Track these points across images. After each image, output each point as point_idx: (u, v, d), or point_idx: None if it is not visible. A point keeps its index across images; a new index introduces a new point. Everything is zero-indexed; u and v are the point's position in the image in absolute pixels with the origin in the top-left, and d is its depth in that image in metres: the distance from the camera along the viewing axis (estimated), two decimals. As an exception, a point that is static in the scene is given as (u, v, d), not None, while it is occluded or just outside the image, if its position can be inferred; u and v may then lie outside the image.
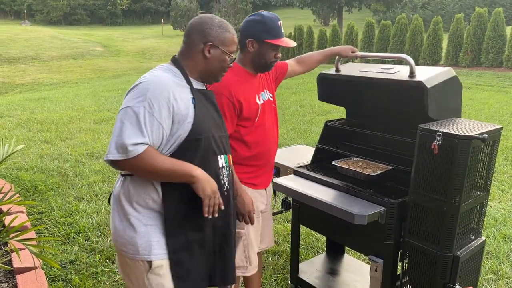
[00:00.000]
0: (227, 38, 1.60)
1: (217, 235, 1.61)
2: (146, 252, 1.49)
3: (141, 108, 1.41)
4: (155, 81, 1.47)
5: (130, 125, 1.40)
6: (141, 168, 1.41)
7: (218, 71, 1.63)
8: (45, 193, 4.01)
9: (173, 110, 1.45)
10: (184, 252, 1.52)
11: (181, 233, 1.51)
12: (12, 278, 2.56)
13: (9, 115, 7.48)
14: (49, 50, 21.25)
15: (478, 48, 12.44)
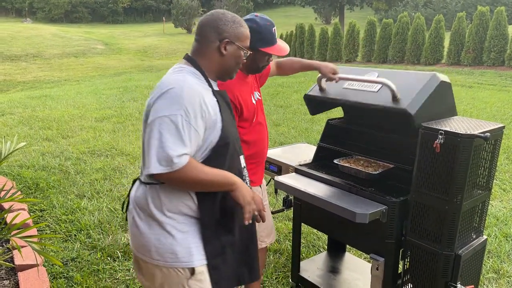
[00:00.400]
0: (242, 33, 1.55)
1: (243, 234, 1.61)
2: (187, 258, 1.46)
3: (178, 116, 1.35)
4: (187, 87, 1.41)
5: (170, 135, 1.34)
6: (184, 179, 1.37)
7: (234, 68, 1.59)
8: (47, 190, 4.01)
9: (205, 115, 1.41)
10: (219, 257, 1.51)
11: (216, 238, 1.50)
12: (13, 275, 2.56)
13: (10, 112, 7.49)
14: (51, 48, 21.26)
15: (480, 47, 12.42)
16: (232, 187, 1.46)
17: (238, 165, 1.58)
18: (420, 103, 1.86)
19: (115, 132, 6.28)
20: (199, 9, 30.86)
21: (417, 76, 2.00)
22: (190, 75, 1.48)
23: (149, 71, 17.20)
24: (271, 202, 3.86)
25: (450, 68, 12.75)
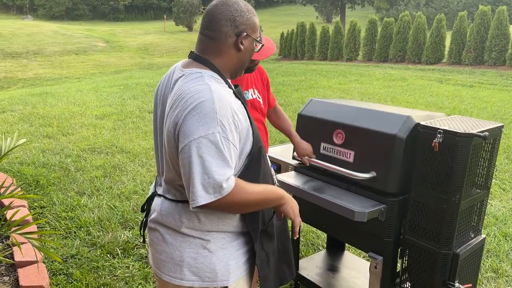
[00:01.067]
0: (256, 23, 1.38)
1: (279, 235, 1.55)
2: (225, 277, 1.34)
3: (216, 134, 1.19)
4: (217, 98, 1.22)
5: (213, 158, 1.18)
6: (233, 203, 1.23)
7: (247, 62, 1.43)
8: (47, 187, 4.02)
9: (238, 126, 1.26)
10: (266, 266, 1.44)
11: (260, 249, 1.41)
12: (13, 272, 2.57)
13: (11, 109, 7.49)
14: (51, 45, 21.26)
15: (481, 46, 12.41)
16: (282, 202, 1.36)
17: (271, 170, 1.50)
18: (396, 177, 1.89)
19: (116, 129, 6.28)
20: (200, 7, 30.81)
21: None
22: (213, 82, 1.28)
23: (149, 69, 17.20)
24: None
25: (451, 68, 12.74)
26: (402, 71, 12.64)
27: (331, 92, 9.32)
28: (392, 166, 1.86)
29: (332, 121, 2.12)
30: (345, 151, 2.06)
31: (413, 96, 8.84)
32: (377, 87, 9.96)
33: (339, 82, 10.68)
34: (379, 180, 1.91)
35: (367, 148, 1.96)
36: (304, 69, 13.76)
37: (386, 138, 1.87)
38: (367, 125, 1.96)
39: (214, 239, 1.34)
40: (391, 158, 1.86)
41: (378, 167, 1.91)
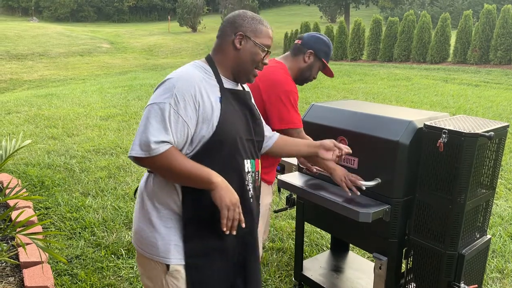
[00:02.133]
0: (261, 30, 1.50)
1: (239, 244, 1.52)
2: (165, 255, 1.44)
3: (166, 105, 1.35)
4: (183, 78, 1.40)
5: (155, 122, 1.34)
6: (161, 167, 1.36)
7: (250, 66, 1.51)
8: (52, 188, 4.04)
9: (198, 108, 1.38)
10: (202, 258, 1.45)
11: (199, 239, 1.44)
12: (18, 272, 2.59)
13: (16, 111, 7.54)
14: (57, 46, 21.38)
15: (487, 45, 12.34)
16: (211, 186, 1.37)
17: (238, 167, 1.48)
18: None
19: (120, 130, 6.30)
20: (204, 7, 30.87)
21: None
22: (195, 69, 1.46)
23: (154, 69, 17.25)
24: (274, 201, 3.86)
25: (456, 67, 12.67)
26: (407, 71, 12.59)
27: (335, 92, 9.30)
28: (397, 172, 1.86)
29: (334, 128, 2.11)
30: (349, 158, 2.05)
31: (417, 95, 8.80)
32: (381, 86, 9.92)
33: (343, 82, 10.65)
34: (384, 186, 1.90)
35: (370, 155, 1.95)
36: (308, 69, 13.71)
37: (389, 144, 1.86)
38: (370, 131, 1.95)
39: (162, 215, 1.45)
40: (395, 164, 1.85)
41: (382, 173, 1.90)
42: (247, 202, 1.51)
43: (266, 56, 1.53)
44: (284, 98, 2.01)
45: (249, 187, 1.53)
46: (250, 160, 1.53)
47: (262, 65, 1.54)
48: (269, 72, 2.06)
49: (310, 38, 2.17)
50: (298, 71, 2.16)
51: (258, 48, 1.49)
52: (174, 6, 36.44)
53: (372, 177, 1.94)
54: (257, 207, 1.61)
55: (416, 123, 1.87)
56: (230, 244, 1.49)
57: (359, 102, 2.46)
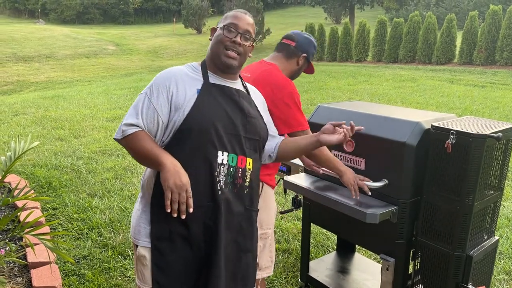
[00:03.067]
0: (227, 16, 1.60)
1: (205, 236, 1.50)
2: (136, 235, 1.56)
3: (143, 94, 1.52)
4: (164, 72, 1.55)
5: (132, 109, 1.51)
6: (130, 149, 1.48)
7: (216, 48, 1.56)
8: (59, 189, 4.07)
9: (171, 97, 1.49)
10: (166, 242, 1.49)
11: (164, 222, 1.49)
12: (26, 273, 2.61)
13: (24, 112, 7.60)
14: (63, 48, 21.51)
15: (493, 46, 12.27)
16: (159, 167, 1.43)
17: (208, 157, 1.47)
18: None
19: (126, 132, 6.33)
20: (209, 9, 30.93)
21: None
22: (183, 66, 1.59)
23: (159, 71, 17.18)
24: (281, 202, 3.87)
25: (462, 68, 12.61)
26: (412, 72, 12.54)
27: (340, 93, 9.28)
28: (404, 173, 1.85)
29: None
30: (356, 159, 2.05)
31: (423, 96, 8.77)
32: (386, 88, 9.89)
33: (349, 83, 10.63)
34: (391, 187, 1.90)
35: (378, 156, 1.95)
36: (313, 70, 13.70)
37: (396, 146, 1.86)
38: (377, 132, 1.95)
39: (143, 198, 1.57)
40: (402, 166, 1.85)
41: (389, 175, 1.90)
42: (216, 194, 1.49)
43: (237, 36, 1.55)
44: (289, 100, 1.97)
45: (220, 179, 1.50)
46: (229, 154, 1.52)
47: (233, 44, 1.55)
48: (266, 75, 1.98)
49: (304, 41, 2.12)
50: (290, 73, 2.13)
51: (221, 29, 1.57)
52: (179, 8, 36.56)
53: (379, 178, 1.94)
54: (239, 206, 1.56)
55: (423, 124, 1.86)
56: (196, 233, 1.49)
57: (365, 103, 2.46)
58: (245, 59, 1.61)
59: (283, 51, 2.12)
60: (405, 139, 1.83)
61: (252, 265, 1.65)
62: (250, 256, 1.64)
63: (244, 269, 1.62)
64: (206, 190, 1.48)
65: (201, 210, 1.48)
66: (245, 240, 1.61)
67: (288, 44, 2.12)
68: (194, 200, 1.45)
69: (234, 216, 1.56)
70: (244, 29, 1.56)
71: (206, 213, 1.49)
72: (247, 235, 1.62)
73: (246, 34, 1.56)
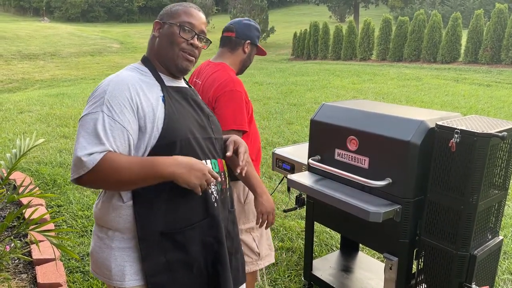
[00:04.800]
0: (176, 10, 1.39)
1: (208, 254, 1.38)
2: (119, 278, 1.31)
3: (99, 113, 1.22)
4: (114, 81, 1.28)
5: (86, 134, 1.20)
6: (106, 179, 1.19)
7: (170, 50, 1.36)
8: (64, 186, 4.09)
9: (137, 110, 1.26)
10: (164, 275, 1.31)
11: (160, 254, 1.30)
12: (31, 269, 2.62)
13: (29, 110, 7.64)
14: (68, 46, 21.60)
15: (498, 45, 12.19)
16: (170, 179, 1.23)
17: None
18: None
19: (130, 129, 6.35)
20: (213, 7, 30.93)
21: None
22: (128, 71, 1.35)
23: (163, 69, 17.32)
24: (284, 201, 3.87)
25: (468, 67, 12.54)
26: (417, 71, 12.49)
27: (344, 92, 9.26)
28: (408, 172, 1.85)
29: (345, 127, 2.10)
30: (359, 157, 2.05)
31: (428, 95, 8.73)
32: (391, 86, 9.86)
33: (353, 82, 10.61)
34: (395, 186, 1.90)
35: (381, 154, 1.94)
36: (317, 68, 13.71)
37: (400, 145, 1.85)
38: (381, 131, 1.94)
39: (114, 236, 1.31)
40: (406, 164, 1.84)
41: (393, 173, 1.90)
42: (211, 208, 1.37)
43: (195, 38, 1.37)
44: (228, 99, 1.89)
45: (212, 190, 1.38)
46: (211, 160, 1.39)
47: (190, 47, 1.37)
48: (213, 77, 1.97)
49: (243, 27, 2.07)
50: (240, 63, 2.10)
51: (173, 27, 1.36)
52: (184, 6, 36.53)
53: (383, 177, 1.93)
54: (224, 211, 1.46)
55: (427, 123, 1.86)
56: (195, 254, 1.35)
57: (369, 102, 2.46)
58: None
59: (226, 45, 2.08)
60: (409, 137, 1.83)
61: (241, 264, 1.57)
62: (239, 256, 1.56)
63: (235, 272, 1.51)
64: (200, 207, 1.34)
65: (198, 229, 1.34)
66: (232, 242, 1.51)
67: (229, 36, 2.08)
68: (189, 221, 1.32)
69: (224, 222, 1.45)
70: (200, 29, 1.39)
71: (203, 230, 1.35)
72: (234, 237, 1.53)
73: (202, 35, 1.40)
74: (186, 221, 1.32)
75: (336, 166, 2.14)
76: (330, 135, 2.18)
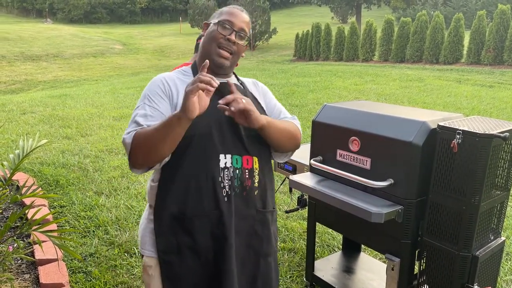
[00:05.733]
0: (220, 11, 1.51)
1: (216, 245, 1.43)
2: (142, 245, 1.53)
3: (141, 105, 1.42)
4: (154, 79, 1.49)
5: (131, 122, 1.41)
6: (142, 148, 1.32)
7: (209, 46, 1.46)
8: (66, 187, 4.10)
9: (171, 99, 1.43)
10: (174, 255, 1.43)
11: (171, 235, 1.42)
12: (34, 270, 2.63)
13: (31, 111, 7.66)
14: (70, 48, 21.66)
15: (501, 45, 12.16)
16: (180, 121, 1.28)
17: (213, 161, 1.40)
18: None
19: (133, 130, 6.36)
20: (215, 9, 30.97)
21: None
22: (170, 73, 1.54)
23: (165, 70, 17.28)
24: (286, 201, 3.87)
25: (470, 68, 12.52)
26: (419, 72, 12.47)
27: (346, 93, 9.26)
28: (410, 173, 1.85)
29: (347, 128, 2.10)
30: (361, 158, 2.05)
31: (430, 96, 8.72)
32: (393, 87, 9.85)
33: (355, 83, 10.60)
34: (396, 187, 1.90)
35: (383, 155, 1.94)
36: (319, 69, 13.70)
37: (402, 145, 1.85)
38: (383, 132, 1.94)
39: (148, 209, 1.54)
40: (408, 165, 1.85)
41: (395, 174, 1.90)
42: (220, 202, 1.40)
43: (232, 34, 1.44)
44: None
45: (225, 184, 1.41)
46: (232, 156, 1.43)
47: (227, 42, 1.44)
48: None
49: None
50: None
51: (214, 25, 1.47)
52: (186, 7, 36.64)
53: (385, 177, 1.93)
54: (249, 210, 1.47)
55: (429, 123, 1.86)
56: (202, 244, 1.42)
57: (371, 103, 2.46)
58: (238, 59, 1.52)
59: (197, 50, 2.21)
60: (411, 138, 1.83)
61: (274, 269, 1.57)
62: (270, 260, 1.56)
63: (264, 274, 1.52)
64: (210, 198, 1.40)
65: (207, 220, 1.41)
66: (261, 243, 1.51)
67: (199, 42, 2.22)
68: (199, 210, 1.40)
69: (245, 220, 1.47)
70: (239, 27, 1.46)
71: (212, 222, 1.41)
72: (264, 239, 1.52)
73: (241, 32, 1.47)
74: (195, 210, 1.41)
75: (338, 167, 2.15)
76: (332, 136, 2.19)
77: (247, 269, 1.49)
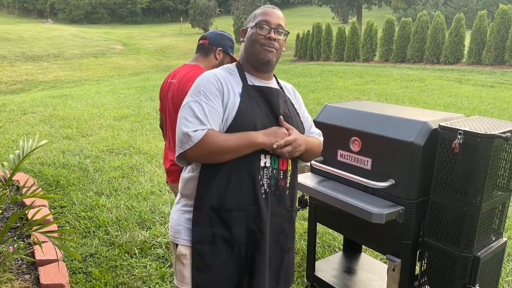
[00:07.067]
0: (255, 14, 1.59)
1: (249, 240, 1.51)
2: (175, 234, 1.56)
3: (197, 101, 1.46)
4: (207, 75, 1.53)
5: (190, 117, 1.44)
6: (208, 151, 1.42)
7: (252, 47, 1.55)
8: (67, 187, 4.10)
9: (222, 98, 1.49)
10: (208, 246, 1.49)
11: (208, 226, 1.49)
12: (34, 270, 2.63)
13: (32, 111, 7.67)
14: (71, 48, 21.68)
15: (502, 46, 12.14)
16: (257, 146, 1.45)
17: (254, 160, 1.49)
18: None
19: (133, 131, 6.36)
20: (216, 9, 30.99)
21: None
22: (220, 69, 1.58)
23: (166, 70, 17.37)
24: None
25: (471, 68, 12.50)
26: (420, 72, 12.46)
27: (347, 93, 9.25)
28: (411, 173, 1.84)
29: (348, 128, 2.10)
30: (362, 159, 2.04)
31: (431, 96, 8.71)
32: (394, 87, 9.84)
33: (356, 83, 10.59)
34: (398, 187, 1.89)
35: (384, 156, 1.94)
36: (320, 70, 13.69)
37: (403, 146, 1.85)
38: (384, 132, 1.94)
39: (182, 201, 1.58)
40: (409, 166, 1.84)
41: (396, 175, 1.89)
42: (259, 198, 1.49)
43: (271, 32, 1.53)
44: None
45: (263, 182, 1.51)
46: (271, 156, 1.53)
47: (268, 40, 1.53)
48: (188, 76, 2.14)
49: (215, 36, 2.31)
50: (212, 68, 2.21)
51: (253, 28, 1.55)
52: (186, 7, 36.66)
53: (386, 178, 1.93)
54: (280, 208, 1.57)
55: (430, 124, 1.85)
56: (238, 236, 1.50)
57: (372, 103, 2.45)
58: (281, 55, 1.60)
59: (200, 50, 2.32)
60: (412, 139, 1.82)
61: (292, 264, 1.69)
62: (291, 255, 1.68)
63: (286, 267, 1.64)
64: (250, 194, 1.48)
65: (244, 214, 1.49)
66: (286, 240, 1.63)
67: (202, 43, 2.32)
68: (237, 204, 1.48)
69: (276, 217, 1.57)
70: (276, 24, 1.55)
71: (250, 217, 1.49)
72: (289, 235, 1.65)
73: (279, 28, 1.55)
74: (234, 203, 1.48)
75: (338, 167, 2.14)
76: (332, 136, 2.18)
77: (273, 263, 1.59)
